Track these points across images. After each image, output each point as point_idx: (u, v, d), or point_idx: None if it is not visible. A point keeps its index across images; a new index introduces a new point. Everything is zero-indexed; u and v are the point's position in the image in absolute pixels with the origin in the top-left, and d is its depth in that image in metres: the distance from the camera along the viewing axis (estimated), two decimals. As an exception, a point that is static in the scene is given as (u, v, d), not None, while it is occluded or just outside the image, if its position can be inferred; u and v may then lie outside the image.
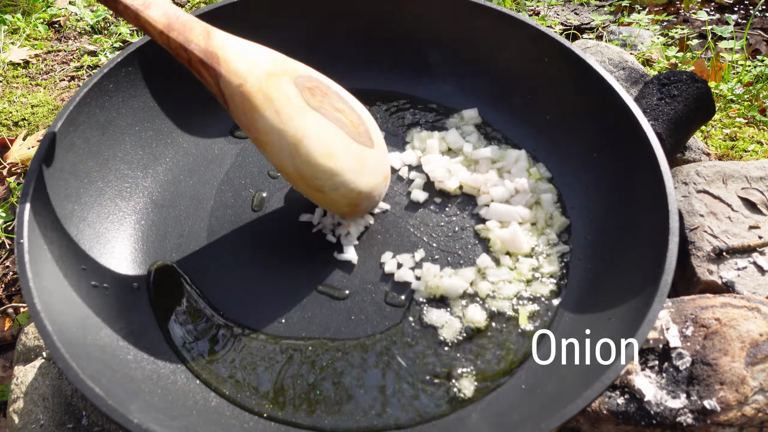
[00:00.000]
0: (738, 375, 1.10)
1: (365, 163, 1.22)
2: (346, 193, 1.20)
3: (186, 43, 1.02)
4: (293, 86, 1.13)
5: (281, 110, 1.10)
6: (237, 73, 1.06)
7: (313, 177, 1.15)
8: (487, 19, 1.48)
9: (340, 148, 1.17)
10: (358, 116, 1.24)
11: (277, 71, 1.12)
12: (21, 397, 1.24)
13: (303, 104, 1.13)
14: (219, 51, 1.05)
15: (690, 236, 1.37)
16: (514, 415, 1.04)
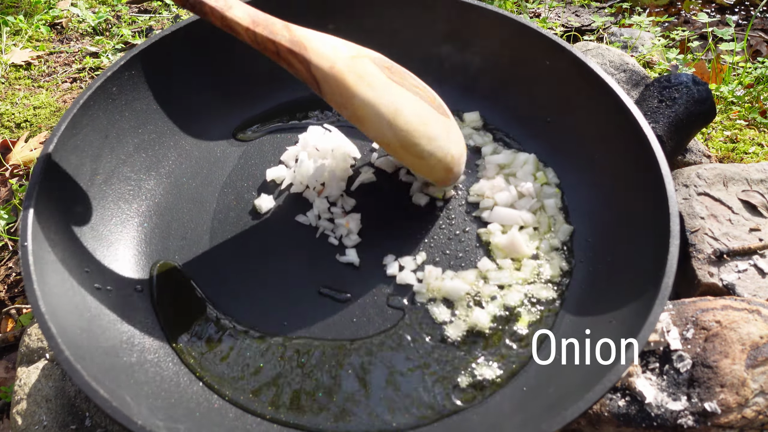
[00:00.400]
0: (738, 377, 1.10)
1: (450, 130, 1.31)
2: (443, 158, 1.27)
3: (272, 36, 1.07)
4: (375, 65, 1.20)
5: (373, 85, 1.17)
6: (325, 56, 1.12)
7: (413, 144, 1.22)
8: (488, 21, 1.49)
9: (430, 116, 1.25)
10: (432, 93, 1.31)
11: (360, 53, 1.19)
12: (24, 398, 1.24)
13: (388, 80, 1.21)
14: (303, 40, 1.11)
15: (691, 239, 1.38)
16: (516, 417, 1.04)
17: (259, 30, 1.07)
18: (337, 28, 1.40)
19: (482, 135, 1.52)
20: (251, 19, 1.07)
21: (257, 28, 1.06)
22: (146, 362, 1.14)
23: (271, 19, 1.10)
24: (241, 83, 1.57)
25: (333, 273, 1.29)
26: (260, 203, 1.39)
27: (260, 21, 1.08)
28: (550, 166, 1.45)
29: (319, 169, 1.40)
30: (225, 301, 1.26)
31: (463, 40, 1.54)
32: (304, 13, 1.38)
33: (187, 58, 1.47)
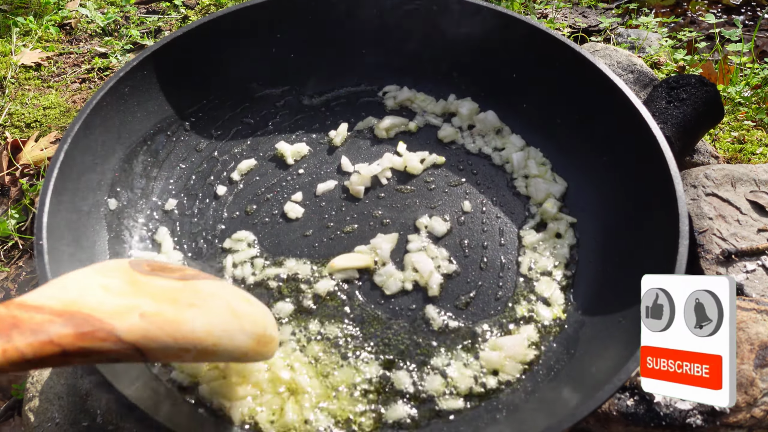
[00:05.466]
0: (747, 377, 1.11)
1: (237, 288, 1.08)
2: (272, 319, 1.05)
3: (39, 336, 0.70)
4: (149, 276, 0.90)
5: (189, 299, 0.88)
6: (120, 308, 0.79)
7: (262, 329, 0.97)
8: (497, 22, 1.49)
9: (232, 289, 1.02)
10: (184, 267, 1.13)
11: (126, 274, 0.88)
12: (36, 396, 1.25)
13: (180, 281, 0.92)
14: (77, 307, 0.76)
15: (699, 239, 1.38)
16: (525, 416, 1.05)
17: (20, 343, 0.67)
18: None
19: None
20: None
21: (16, 341, 0.68)
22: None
23: (9, 310, 0.71)
24: (253, 83, 1.58)
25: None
26: (288, 208, 1.41)
27: (9, 331, 0.68)
28: (556, 165, 1.46)
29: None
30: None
31: (471, 42, 1.55)
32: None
33: (198, 59, 1.48)
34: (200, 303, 0.88)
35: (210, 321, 0.87)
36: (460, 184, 1.45)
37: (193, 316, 0.84)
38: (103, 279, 0.83)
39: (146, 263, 0.95)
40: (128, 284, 0.84)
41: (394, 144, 1.52)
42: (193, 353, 0.85)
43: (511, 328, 1.21)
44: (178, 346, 0.82)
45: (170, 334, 0.80)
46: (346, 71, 1.62)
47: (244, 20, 1.51)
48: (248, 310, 0.96)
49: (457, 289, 1.27)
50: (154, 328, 0.79)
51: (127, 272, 0.88)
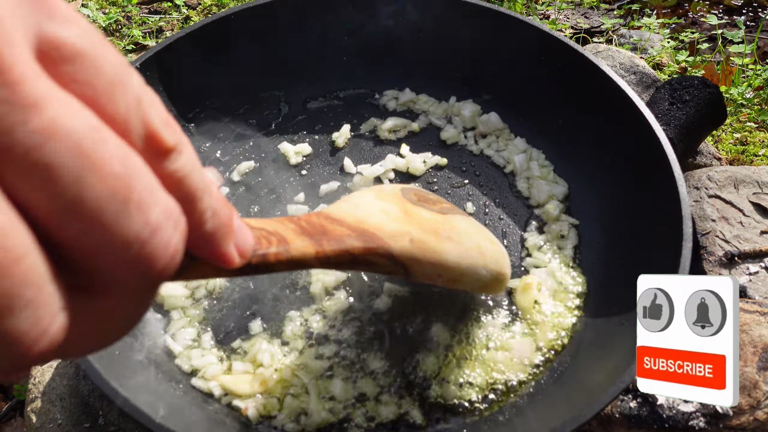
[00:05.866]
0: (750, 379, 1.10)
1: (485, 229, 1.21)
2: (507, 258, 1.16)
3: (342, 245, 0.85)
4: (417, 206, 1.06)
5: (448, 233, 1.03)
6: (398, 232, 0.94)
7: (501, 267, 1.10)
8: (499, 23, 1.49)
9: (481, 228, 1.17)
10: (439, 197, 1.21)
11: (400, 202, 1.04)
12: (38, 396, 1.25)
13: (441, 216, 1.08)
14: (366, 226, 0.91)
15: (702, 241, 1.38)
16: (528, 419, 1.05)
17: (327, 248, 0.83)
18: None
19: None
20: (313, 241, 0.82)
21: (324, 245, 0.83)
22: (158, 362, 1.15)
23: (319, 220, 0.87)
24: (255, 85, 1.58)
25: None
26: (291, 210, 1.41)
27: (319, 235, 0.83)
28: (558, 167, 1.45)
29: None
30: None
31: (473, 42, 1.55)
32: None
33: (201, 60, 1.48)
34: (455, 238, 1.04)
35: (461, 254, 1.02)
36: (463, 185, 1.45)
37: (449, 249, 1.00)
38: (383, 204, 1.01)
39: (414, 192, 1.12)
40: (402, 211, 1.02)
41: (396, 145, 1.52)
42: (444, 278, 1.01)
43: (515, 331, 1.21)
44: (434, 271, 0.98)
45: (430, 259, 0.97)
46: (348, 73, 1.62)
47: (246, 21, 1.51)
48: (491, 250, 1.11)
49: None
50: (419, 252, 0.95)
51: (400, 200, 1.05)
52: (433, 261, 0.97)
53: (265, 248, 0.68)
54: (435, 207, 1.10)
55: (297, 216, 0.84)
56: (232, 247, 0.57)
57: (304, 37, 1.58)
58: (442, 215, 1.08)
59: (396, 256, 0.91)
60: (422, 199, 1.11)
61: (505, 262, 1.13)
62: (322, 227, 0.84)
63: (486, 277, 1.06)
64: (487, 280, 1.07)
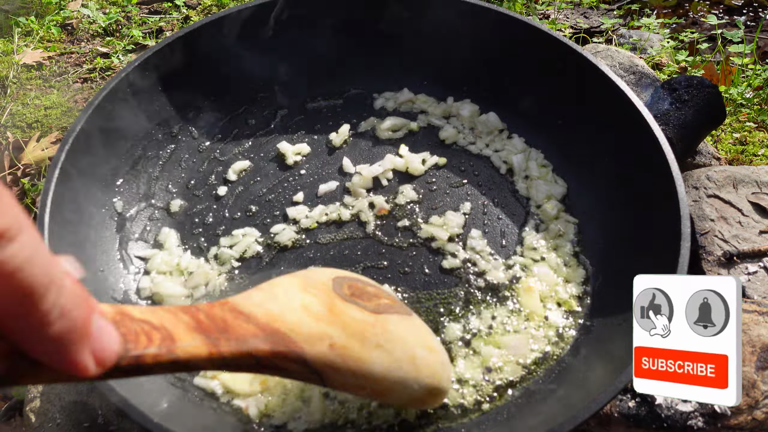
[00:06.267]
0: (749, 379, 1.10)
1: (428, 328, 1.08)
2: (449, 369, 1.06)
3: (243, 346, 0.76)
4: (347, 303, 0.94)
5: (377, 340, 0.92)
6: (315, 334, 0.85)
7: (437, 381, 0.98)
8: (498, 23, 1.49)
9: (421, 332, 1.03)
10: (380, 289, 1.08)
11: (327, 296, 0.93)
12: (38, 396, 1.26)
13: (373, 316, 0.95)
14: (277, 324, 0.82)
15: (701, 241, 1.38)
16: (528, 417, 1.05)
17: (224, 349, 0.73)
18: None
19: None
20: (208, 341, 0.72)
21: (222, 346, 0.73)
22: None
23: (223, 313, 0.78)
24: (254, 84, 1.58)
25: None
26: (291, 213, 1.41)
27: (216, 333, 0.74)
28: (557, 166, 1.45)
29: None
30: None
31: (472, 42, 1.55)
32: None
33: (200, 60, 1.48)
34: (386, 345, 0.92)
35: (390, 366, 0.91)
36: (462, 185, 1.45)
37: (376, 358, 0.89)
38: (306, 297, 0.89)
39: (347, 284, 0.99)
40: (326, 309, 0.90)
41: (395, 145, 1.52)
42: (368, 390, 0.91)
43: (513, 330, 1.21)
44: (356, 382, 0.88)
45: (352, 369, 0.87)
46: (347, 73, 1.62)
47: (245, 21, 1.51)
48: (428, 361, 0.97)
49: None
50: (339, 360, 0.85)
51: (327, 294, 0.93)
52: (356, 371, 0.87)
53: (142, 348, 0.60)
54: (369, 304, 0.97)
55: (197, 306, 0.75)
56: (86, 354, 0.50)
57: (303, 37, 1.58)
58: (375, 316, 0.95)
59: (310, 363, 0.82)
60: (356, 293, 0.98)
61: (444, 375, 1.01)
62: (224, 323, 0.76)
63: (417, 393, 0.95)
64: (418, 396, 0.96)
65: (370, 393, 0.92)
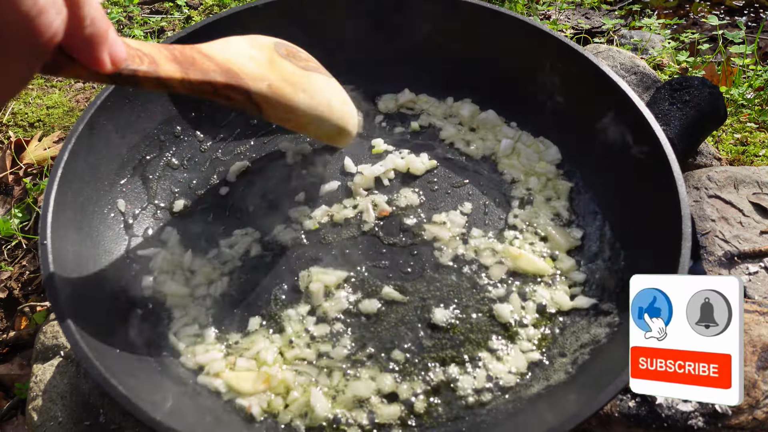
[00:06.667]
0: (750, 379, 1.11)
1: (341, 88, 1.36)
2: (356, 119, 1.37)
3: (206, 77, 0.97)
4: (284, 59, 1.18)
5: (303, 86, 1.18)
6: (259, 76, 1.08)
7: (346, 123, 1.30)
8: (499, 23, 1.49)
9: (337, 89, 1.32)
10: (310, 56, 1.32)
11: (269, 53, 1.16)
12: (40, 395, 1.26)
13: (302, 71, 1.21)
14: (231, 65, 1.04)
15: (701, 241, 1.38)
16: (527, 417, 1.05)
17: (192, 76, 0.95)
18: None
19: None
20: (181, 68, 0.94)
21: (190, 74, 0.95)
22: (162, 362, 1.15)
23: (192, 53, 0.99)
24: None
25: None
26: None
27: (187, 64, 0.95)
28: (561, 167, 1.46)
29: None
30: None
31: (472, 43, 1.55)
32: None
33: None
34: (309, 91, 1.19)
35: (311, 106, 1.19)
36: (463, 185, 1.45)
37: (302, 99, 1.17)
38: (253, 50, 1.12)
39: (285, 47, 1.23)
40: (267, 60, 1.13)
41: (396, 145, 1.53)
42: (293, 122, 1.19)
43: (514, 331, 1.21)
44: (285, 115, 1.15)
45: (283, 104, 1.13)
46: (348, 73, 1.61)
47: (246, 21, 1.51)
48: (339, 108, 1.28)
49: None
50: (274, 97, 1.10)
51: (270, 51, 1.16)
52: (285, 106, 1.13)
53: (136, 65, 0.84)
54: (300, 63, 1.23)
55: (173, 45, 0.97)
56: (106, 54, 0.72)
57: (304, 37, 1.58)
58: (304, 71, 1.21)
59: (253, 96, 1.05)
60: (291, 54, 1.22)
61: (351, 121, 1.33)
62: (192, 59, 0.97)
63: (330, 129, 1.27)
64: (331, 132, 1.28)
65: (295, 125, 1.20)
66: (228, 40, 1.10)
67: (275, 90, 1.10)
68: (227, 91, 1.01)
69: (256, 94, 1.06)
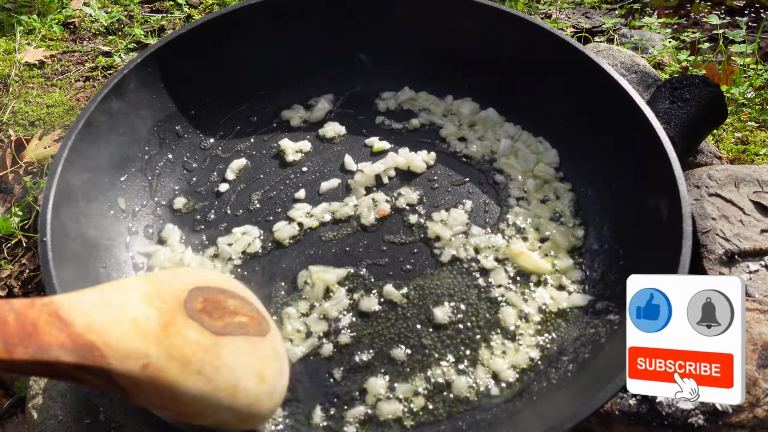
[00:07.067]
0: (750, 377, 1.11)
1: (278, 352, 1.05)
2: (279, 398, 1.03)
3: (43, 355, 0.71)
4: (191, 321, 0.89)
5: (201, 366, 0.87)
6: (131, 351, 0.80)
7: (256, 410, 0.96)
8: (500, 22, 1.49)
9: (262, 359, 0.99)
10: (247, 302, 1.04)
11: (170, 310, 0.88)
12: (39, 393, 1.26)
13: (213, 338, 0.90)
14: (92, 336, 0.76)
15: (702, 239, 1.38)
16: (528, 416, 1.05)
17: (19, 355, 0.69)
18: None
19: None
20: (4, 345, 0.69)
21: (17, 352, 0.69)
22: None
23: (39, 316, 0.74)
24: (255, 82, 1.58)
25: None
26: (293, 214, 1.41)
27: (20, 339, 0.70)
28: (561, 167, 1.46)
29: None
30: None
31: (473, 41, 1.55)
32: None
33: (201, 58, 1.48)
34: (209, 372, 0.88)
35: (205, 394, 0.87)
36: (463, 183, 1.45)
37: (192, 384, 0.85)
38: (144, 308, 0.84)
39: (204, 297, 0.94)
40: (160, 326, 0.85)
41: (397, 143, 1.52)
42: (172, 412, 0.89)
43: (514, 329, 1.21)
44: (162, 403, 0.85)
45: (160, 392, 0.83)
46: (348, 70, 1.62)
47: (246, 19, 1.51)
48: (252, 391, 0.94)
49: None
50: (148, 382, 0.81)
51: (172, 308, 0.88)
52: (164, 394, 0.83)
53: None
54: (216, 323, 0.92)
55: (13, 303, 0.72)
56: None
57: (305, 36, 1.58)
58: (215, 337, 0.90)
59: (116, 380, 0.78)
60: (209, 308, 0.93)
61: (267, 404, 0.98)
62: (33, 327, 0.72)
63: (228, 419, 0.93)
64: (229, 421, 0.94)
65: (175, 414, 0.90)
66: (116, 288, 0.85)
67: (154, 372, 0.81)
68: (74, 372, 0.75)
69: (122, 377, 0.78)
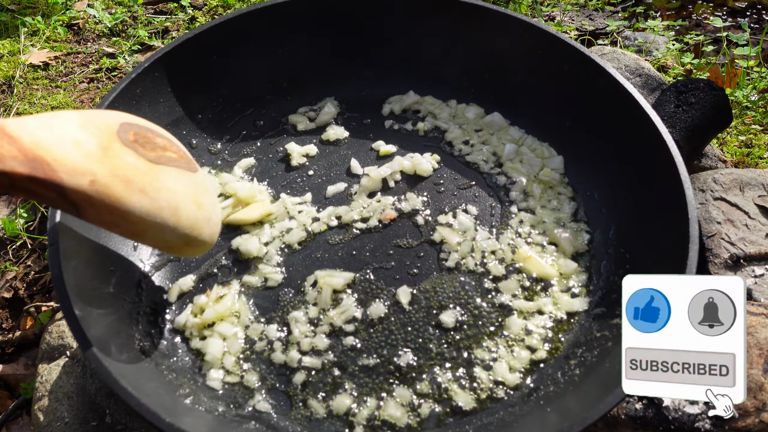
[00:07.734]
0: (756, 382, 1.11)
1: (207, 187, 1.13)
2: (216, 227, 1.12)
3: (0, 164, 0.77)
4: (126, 148, 0.95)
5: (144, 186, 0.94)
6: (80, 168, 0.85)
7: (197, 234, 1.05)
8: (504, 25, 1.50)
9: (198, 190, 1.07)
10: (172, 142, 1.10)
11: (106, 138, 0.92)
12: (46, 395, 1.26)
13: (149, 165, 0.97)
14: (41, 152, 0.81)
15: (707, 243, 1.38)
16: (534, 420, 1.05)
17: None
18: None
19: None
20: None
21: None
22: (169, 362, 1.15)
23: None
24: (262, 86, 1.59)
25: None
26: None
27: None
28: (567, 171, 1.46)
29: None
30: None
31: (477, 45, 1.55)
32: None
33: (209, 62, 1.49)
34: (151, 192, 0.95)
35: (149, 211, 0.94)
36: (470, 187, 1.45)
37: (136, 202, 0.92)
38: (82, 133, 0.89)
39: (135, 131, 0.99)
40: (100, 148, 0.90)
41: (403, 147, 1.53)
42: (123, 229, 0.95)
43: (521, 333, 1.21)
44: (111, 219, 0.92)
45: (109, 206, 0.89)
46: (355, 76, 1.62)
47: (253, 24, 1.51)
48: (192, 214, 1.03)
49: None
50: (97, 196, 0.87)
51: (108, 135, 0.93)
52: (112, 209, 0.90)
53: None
54: (150, 154, 0.99)
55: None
56: None
57: (311, 40, 1.58)
58: (151, 165, 0.98)
59: (67, 194, 0.84)
60: (141, 140, 0.99)
61: (206, 230, 1.07)
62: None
63: (173, 240, 1.01)
64: (174, 243, 1.03)
65: (124, 232, 0.97)
66: (52, 116, 0.89)
67: (101, 188, 0.87)
68: (30, 184, 0.80)
69: (72, 191, 0.84)
